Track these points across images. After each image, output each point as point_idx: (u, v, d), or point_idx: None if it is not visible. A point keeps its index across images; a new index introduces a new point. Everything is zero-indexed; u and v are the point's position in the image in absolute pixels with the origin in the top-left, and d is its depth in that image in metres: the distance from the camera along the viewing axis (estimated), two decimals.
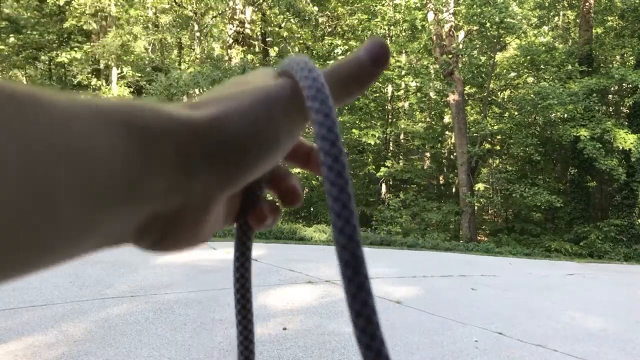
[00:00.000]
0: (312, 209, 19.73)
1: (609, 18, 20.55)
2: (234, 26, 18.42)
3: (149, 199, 0.28)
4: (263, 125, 0.33)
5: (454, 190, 22.22)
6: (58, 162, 0.23)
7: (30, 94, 0.24)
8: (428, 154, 22.95)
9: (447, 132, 22.08)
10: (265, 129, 0.33)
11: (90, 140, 0.25)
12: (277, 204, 0.42)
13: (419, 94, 22.21)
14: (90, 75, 19.26)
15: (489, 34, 18.73)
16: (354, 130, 19.46)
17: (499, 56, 20.11)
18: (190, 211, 0.32)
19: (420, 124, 22.74)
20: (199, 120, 0.30)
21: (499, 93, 21.86)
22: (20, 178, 0.22)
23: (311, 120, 0.31)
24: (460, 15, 18.81)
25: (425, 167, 22.64)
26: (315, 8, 18.52)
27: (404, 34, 21.32)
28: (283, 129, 0.34)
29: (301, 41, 20.83)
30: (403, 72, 20.44)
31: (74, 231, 0.25)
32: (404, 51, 21.31)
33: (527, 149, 19.33)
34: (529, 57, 18.91)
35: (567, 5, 21.17)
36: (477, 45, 19.91)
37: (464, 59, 18.91)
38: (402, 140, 22.70)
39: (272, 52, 20.69)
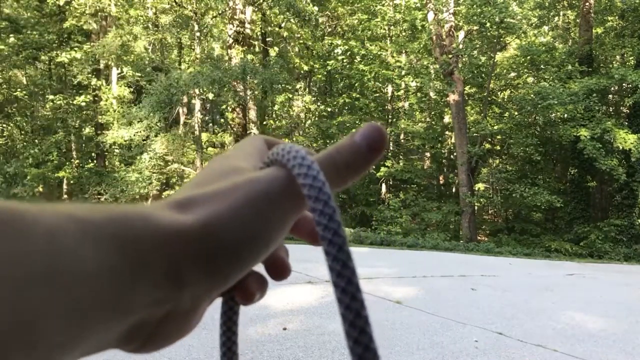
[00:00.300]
0: None
1: (609, 18, 20.55)
2: (234, 26, 18.40)
3: (136, 311, 0.27)
4: (255, 226, 0.31)
5: (454, 190, 22.21)
6: (41, 283, 0.22)
7: (12, 211, 0.23)
8: (428, 154, 22.95)
9: (447, 132, 22.08)
10: (257, 229, 0.31)
11: (76, 257, 0.24)
12: (264, 277, 0.39)
13: (419, 94, 22.22)
14: (90, 75, 19.25)
15: (489, 34, 18.72)
16: (354, 130, 19.39)
17: (499, 56, 20.11)
18: (178, 316, 0.31)
19: (420, 124, 22.74)
20: (189, 227, 0.29)
21: (499, 93, 21.86)
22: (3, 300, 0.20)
23: (310, 209, 0.30)
24: (460, 15, 18.81)
25: (425, 167, 22.63)
26: (316, 8, 18.51)
27: (404, 33, 21.33)
28: (275, 226, 0.32)
29: (301, 41, 20.83)
30: (403, 72, 20.45)
31: (56, 352, 0.24)
32: (404, 51, 21.31)
33: (527, 149, 19.32)
34: (529, 57, 18.91)
35: (567, 5, 21.17)
36: (477, 45, 19.90)
37: (464, 59, 18.91)
38: (402, 140, 22.70)
39: (272, 52, 20.69)
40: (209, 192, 0.32)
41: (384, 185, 21.77)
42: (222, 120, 22.06)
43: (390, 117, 22.42)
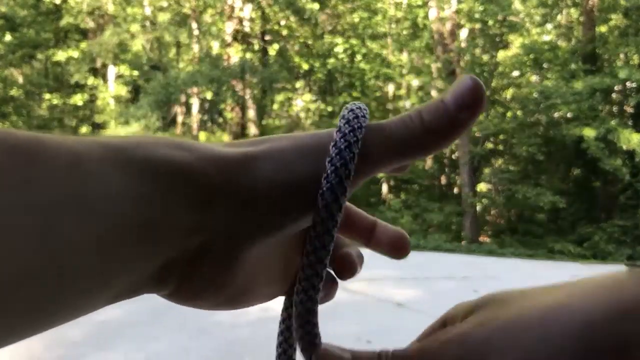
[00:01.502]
0: None
1: (613, 16, 20.35)
2: (232, 24, 18.23)
3: (166, 242, 0.26)
4: (300, 170, 0.30)
5: (455, 190, 22.03)
6: (66, 210, 0.21)
7: (35, 140, 0.22)
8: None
9: None
10: (302, 175, 0.30)
11: (102, 181, 0.23)
12: (361, 254, 0.39)
13: (420, 93, 22.04)
14: (87, 74, 19.08)
15: (491, 32, 18.56)
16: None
17: (501, 55, 19.93)
18: (212, 254, 0.28)
19: None
20: (228, 156, 0.28)
21: (501, 92, 21.67)
22: (26, 233, 0.20)
23: (314, 214, 0.30)
24: (463, 13, 18.64)
25: (426, 168, 22.45)
26: (316, 6, 18.34)
27: (405, 32, 21.15)
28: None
29: (301, 39, 20.65)
30: (404, 71, 20.28)
31: (87, 285, 0.23)
32: (405, 50, 21.13)
33: (530, 149, 19.14)
34: (532, 56, 18.73)
35: (570, 3, 20.97)
36: (480, 44, 19.73)
37: (466, 58, 18.74)
38: None
39: (272, 50, 20.50)
40: (269, 137, 0.31)
41: (384, 186, 21.60)
42: (220, 119, 21.88)
43: (391, 116, 22.17)
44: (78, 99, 18.99)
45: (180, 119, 20.54)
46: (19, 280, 0.20)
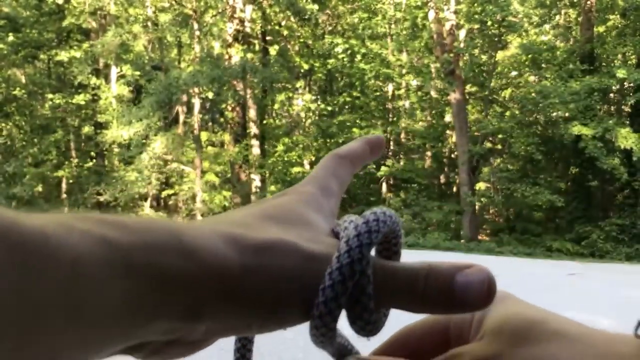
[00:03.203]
0: None
1: (611, 16, 20.45)
2: (233, 24, 18.34)
3: (145, 338, 0.27)
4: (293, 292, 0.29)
5: (454, 189, 22.15)
6: (56, 316, 0.21)
7: (39, 236, 0.22)
8: (429, 153, 22.88)
9: (448, 131, 22.01)
10: (288, 302, 0.29)
11: (99, 289, 0.23)
12: None
13: (419, 93, 22.14)
14: (89, 74, 19.19)
15: (490, 32, 18.66)
16: (354, 129, 19.39)
17: (500, 55, 20.03)
18: (186, 343, 0.29)
19: (421, 123, 22.69)
20: (231, 270, 0.27)
21: (500, 92, 21.77)
22: (12, 332, 0.20)
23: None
24: (462, 13, 18.74)
25: (426, 167, 22.57)
26: (316, 6, 18.45)
27: (404, 32, 21.24)
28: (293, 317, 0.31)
29: (301, 40, 20.76)
30: (404, 71, 20.37)
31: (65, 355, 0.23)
32: (404, 50, 21.23)
33: (529, 148, 19.24)
34: (530, 56, 18.84)
35: (568, 3, 21.07)
36: (478, 44, 19.83)
37: (465, 58, 18.84)
38: (402, 139, 22.64)
39: (272, 50, 20.62)
40: (269, 238, 0.30)
41: (384, 185, 21.70)
42: (221, 119, 22.01)
43: (390, 116, 22.35)
44: (80, 99, 19.08)
45: (181, 118, 20.69)
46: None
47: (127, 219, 0.26)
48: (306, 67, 20.44)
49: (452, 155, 22.09)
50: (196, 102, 19.45)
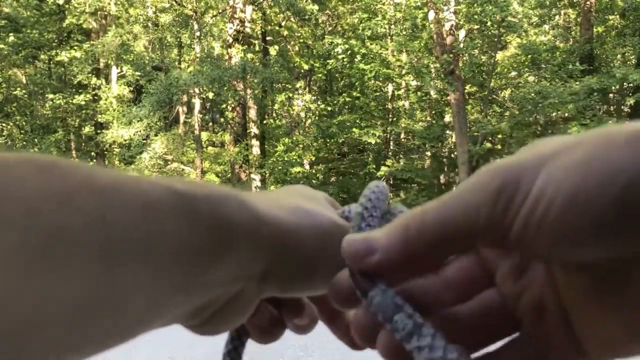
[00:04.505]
0: None
1: (610, 17, 20.50)
2: (234, 25, 18.36)
3: (213, 290, 0.28)
4: (330, 252, 0.32)
5: (454, 189, 22.15)
6: (132, 257, 0.22)
7: (113, 179, 0.23)
8: (429, 153, 22.92)
9: (447, 131, 22.04)
10: (331, 256, 0.33)
11: (169, 232, 0.24)
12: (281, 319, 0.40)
13: (419, 93, 22.17)
14: (90, 74, 19.21)
15: (489, 32, 18.68)
16: (354, 129, 19.41)
17: (499, 55, 20.07)
18: (242, 301, 0.31)
19: (420, 123, 22.71)
20: (282, 223, 0.30)
21: (499, 92, 21.81)
22: (99, 269, 0.21)
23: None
24: (461, 13, 18.76)
25: (425, 167, 22.59)
26: (316, 7, 18.47)
27: (404, 32, 21.26)
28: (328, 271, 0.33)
29: (301, 40, 20.78)
30: (403, 71, 20.39)
31: (139, 321, 0.24)
32: (404, 50, 21.25)
33: None
34: (529, 56, 18.86)
35: (567, 3, 21.11)
36: (478, 44, 19.87)
37: (464, 58, 18.87)
38: (402, 140, 22.66)
39: (272, 50, 20.65)
40: (304, 205, 0.34)
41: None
42: (222, 119, 22.03)
43: (390, 116, 22.39)
44: (81, 99, 19.09)
45: (182, 118, 20.71)
46: (81, 306, 0.21)
47: (188, 179, 0.29)
48: (306, 67, 20.47)
49: (452, 155, 22.11)
50: (196, 102, 19.47)
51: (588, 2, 18.83)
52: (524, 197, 0.25)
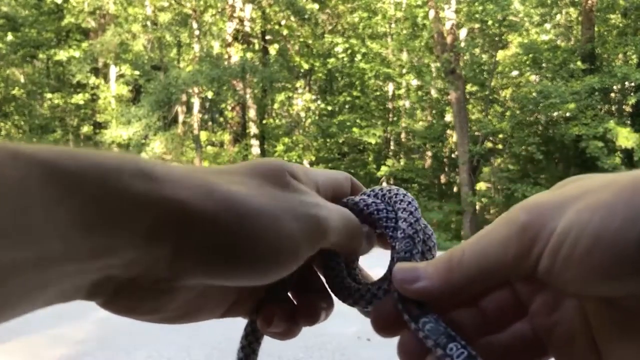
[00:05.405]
0: None
1: (612, 16, 20.44)
2: (233, 24, 18.30)
3: (107, 262, 0.26)
4: (281, 237, 0.30)
5: (455, 189, 22.11)
6: (10, 237, 0.22)
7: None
8: (429, 153, 22.85)
9: (448, 131, 21.98)
10: (283, 242, 0.31)
11: (48, 211, 0.23)
12: (331, 298, 0.39)
13: (419, 93, 22.12)
14: (88, 73, 19.14)
15: (490, 31, 18.63)
16: (354, 129, 19.35)
17: (500, 54, 20.00)
18: (150, 283, 0.29)
19: (421, 122, 22.65)
20: (191, 205, 0.28)
21: (500, 91, 21.75)
22: None
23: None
24: (462, 13, 18.71)
25: (426, 166, 22.53)
26: (316, 6, 18.41)
27: (405, 32, 21.21)
28: (305, 251, 0.32)
29: (301, 39, 20.71)
30: (404, 71, 20.34)
31: (24, 291, 0.23)
32: (405, 49, 21.20)
33: (529, 148, 19.23)
34: (531, 55, 18.81)
35: (569, 2, 21.04)
36: (479, 43, 19.81)
37: (465, 57, 18.81)
38: (402, 139, 22.60)
39: (272, 50, 20.58)
40: (237, 194, 0.30)
41: (384, 185, 21.64)
42: (221, 119, 21.96)
43: (391, 115, 22.32)
44: (79, 99, 19.03)
45: (181, 118, 20.62)
46: None
47: (82, 149, 0.26)
48: (306, 66, 20.40)
49: (453, 155, 22.05)
50: (196, 102, 19.40)
51: (589, 1, 18.76)
52: (550, 233, 0.26)
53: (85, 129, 20.42)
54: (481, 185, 19.25)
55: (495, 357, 0.32)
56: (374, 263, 0.53)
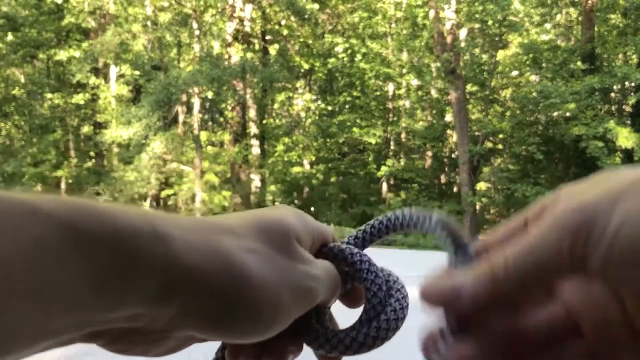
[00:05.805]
0: (312, 209, 19.60)
1: (612, 16, 20.40)
2: (233, 24, 18.28)
3: (113, 321, 0.27)
4: (274, 309, 0.32)
5: (455, 189, 22.09)
6: (20, 295, 0.22)
7: (12, 205, 0.23)
8: (429, 153, 22.82)
9: (448, 131, 21.96)
10: (275, 314, 0.32)
11: (62, 268, 0.24)
12: (301, 342, 0.39)
13: (420, 92, 22.09)
14: (88, 73, 19.11)
15: (490, 31, 18.60)
16: (354, 129, 19.32)
17: (500, 54, 19.98)
18: (147, 334, 0.30)
19: (421, 122, 22.63)
20: (200, 271, 0.29)
21: (500, 91, 21.72)
22: None
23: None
24: (462, 12, 18.68)
25: (426, 166, 22.51)
26: (316, 6, 18.39)
27: (405, 31, 21.18)
28: (295, 317, 0.33)
29: (301, 39, 20.69)
30: (404, 71, 20.31)
31: (28, 336, 0.24)
32: (405, 49, 21.17)
33: (529, 148, 19.21)
34: (531, 55, 18.78)
35: (569, 2, 21.02)
36: (479, 43, 19.78)
37: (465, 57, 18.78)
38: (403, 139, 22.57)
39: (272, 50, 20.56)
40: (228, 252, 0.31)
41: (384, 185, 21.64)
42: (221, 119, 21.94)
43: (391, 115, 22.29)
44: (79, 99, 19.00)
45: (181, 118, 20.61)
46: None
47: (100, 205, 0.27)
48: (306, 66, 20.39)
49: (453, 155, 22.03)
50: (196, 102, 19.38)
51: (590, 1, 18.74)
52: (601, 233, 0.27)
53: (86, 129, 20.41)
54: (481, 185, 19.24)
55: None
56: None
